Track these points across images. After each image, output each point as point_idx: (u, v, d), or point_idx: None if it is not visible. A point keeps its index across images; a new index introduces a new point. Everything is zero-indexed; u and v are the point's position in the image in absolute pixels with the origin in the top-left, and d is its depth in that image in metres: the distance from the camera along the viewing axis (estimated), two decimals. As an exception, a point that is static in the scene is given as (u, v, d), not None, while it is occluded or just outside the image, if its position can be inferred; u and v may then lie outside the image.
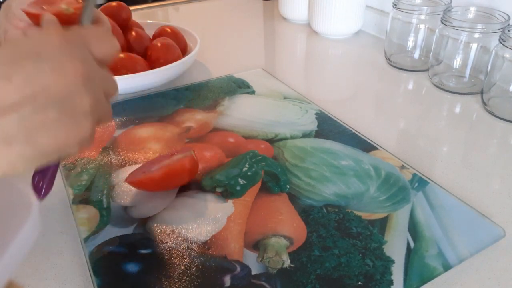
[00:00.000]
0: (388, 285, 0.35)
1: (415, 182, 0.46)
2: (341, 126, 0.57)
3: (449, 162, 0.51)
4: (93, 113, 0.30)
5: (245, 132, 0.56)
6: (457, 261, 0.37)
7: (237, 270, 0.37)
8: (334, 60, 0.81)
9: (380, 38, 0.87)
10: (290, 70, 0.76)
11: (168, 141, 0.54)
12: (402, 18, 0.72)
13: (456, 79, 0.67)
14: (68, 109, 0.28)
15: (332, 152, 0.51)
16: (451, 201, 0.44)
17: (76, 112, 0.29)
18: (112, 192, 0.46)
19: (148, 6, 1.12)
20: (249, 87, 0.67)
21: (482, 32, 0.61)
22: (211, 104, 0.63)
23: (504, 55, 0.57)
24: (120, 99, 0.65)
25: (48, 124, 0.27)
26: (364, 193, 0.45)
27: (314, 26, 0.89)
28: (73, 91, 0.28)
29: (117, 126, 0.58)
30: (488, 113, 0.60)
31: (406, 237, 0.40)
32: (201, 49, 0.79)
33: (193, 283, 0.36)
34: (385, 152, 0.51)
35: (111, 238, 0.40)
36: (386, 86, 0.70)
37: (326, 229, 0.41)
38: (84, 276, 0.38)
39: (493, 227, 0.40)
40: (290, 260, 0.38)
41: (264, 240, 0.40)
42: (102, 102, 0.32)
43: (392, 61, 0.75)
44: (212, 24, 1.00)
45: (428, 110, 0.62)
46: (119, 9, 0.71)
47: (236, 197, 0.45)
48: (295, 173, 0.48)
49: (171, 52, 0.69)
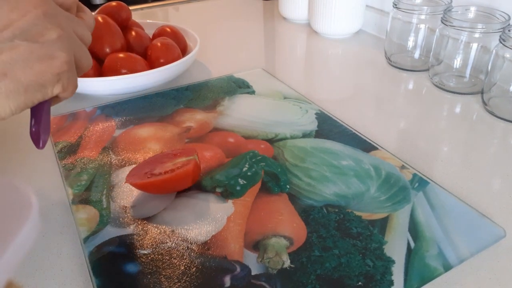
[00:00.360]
0: (388, 285, 0.35)
1: (415, 182, 0.46)
2: (341, 126, 0.57)
3: (449, 162, 0.51)
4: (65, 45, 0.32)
5: (245, 132, 0.56)
6: (457, 261, 0.37)
7: (237, 270, 0.37)
8: (334, 60, 0.81)
9: (380, 38, 0.87)
10: (290, 70, 0.76)
11: (168, 141, 0.54)
12: (402, 18, 0.72)
13: (456, 79, 0.66)
14: (36, 39, 0.30)
15: (332, 152, 0.51)
16: (451, 201, 0.44)
17: (45, 42, 0.30)
18: (112, 192, 0.46)
19: (148, 6, 1.12)
20: (249, 87, 0.67)
21: (482, 32, 0.61)
22: (211, 104, 0.63)
23: (504, 55, 0.57)
24: (120, 99, 0.65)
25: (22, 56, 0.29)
26: (365, 193, 0.45)
27: (314, 26, 0.89)
28: (36, 23, 0.30)
29: (117, 126, 0.58)
30: (488, 113, 0.60)
31: (406, 237, 0.40)
32: (201, 49, 0.79)
33: (193, 283, 0.36)
34: (385, 152, 0.51)
35: (111, 238, 0.40)
36: (386, 86, 0.70)
37: (326, 229, 0.41)
38: (84, 276, 0.38)
39: (494, 227, 0.40)
40: (290, 261, 0.38)
41: (264, 240, 0.40)
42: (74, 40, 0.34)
43: (392, 61, 0.75)
44: (212, 24, 1.00)
45: (428, 110, 0.62)
46: (119, 9, 0.71)
47: (236, 197, 0.45)
48: (295, 173, 0.48)
49: (171, 52, 0.68)
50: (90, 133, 0.56)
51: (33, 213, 0.38)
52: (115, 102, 0.64)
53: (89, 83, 0.62)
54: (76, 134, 0.56)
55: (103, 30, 0.66)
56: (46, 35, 0.31)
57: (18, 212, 0.42)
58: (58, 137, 0.55)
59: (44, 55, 0.30)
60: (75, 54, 0.33)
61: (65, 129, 0.57)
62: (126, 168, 0.49)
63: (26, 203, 0.42)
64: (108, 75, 0.64)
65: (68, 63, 0.32)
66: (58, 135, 0.56)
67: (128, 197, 0.45)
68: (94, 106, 0.63)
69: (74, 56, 0.33)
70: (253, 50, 0.85)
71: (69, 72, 0.32)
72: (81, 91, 0.65)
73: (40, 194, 0.47)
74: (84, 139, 0.55)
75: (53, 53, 0.31)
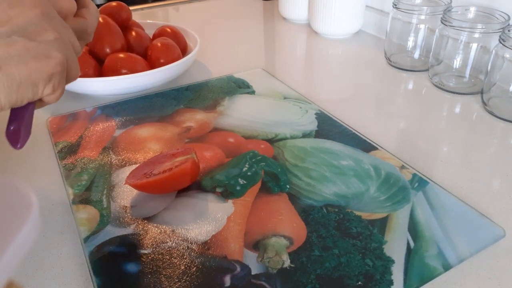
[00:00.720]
0: (388, 285, 0.35)
1: (415, 182, 0.46)
2: (341, 126, 0.57)
3: (449, 162, 0.51)
4: (61, 47, 0.32)
5: (245, 132, 0.56)
6: (457, 261, 0.37)
7: (237, 270, 0.37)
8: (334, 60, 0.81)
9: (380, 38, 0.87)
10: (290, 70, 0.76)
11: (168, 141, 0.54)
12: (402, 18, 0.72)
13: (456, 79, 0.67)
14: (33, 38, 0.30)
15: (332, 152, 0.51)
16: (451, 201, 0.44)
17: (41, 41, 0.31)
18: (112, 192, 0.46)
19: (148, 6, 1.12)
20: (249, 87, 0.67)
21: (482, 32, 0.61)
22: (211, 104, 0.63)
23: (504, 55, 0.57)
24: (120, 99, 0.65)
25: (18, 52, 0.29)
26: (364, 193, 0.45)
27: (314, 26, 0.89)
28: (34, 22, 0.30)
29: (117, 126, 0.58)
30: (488, 113, 0.60)
31: (406, 237, 0.40)
32: (201, 49, 0.79)
33: (193, 283, 0.36)
34: (385, 152, 0.51)
35: (111, 238, 0.40)
36: (386, 86, 0.70)
37: (326, 229, 0.41)
38: (84, 276, 0.38)
39: (493, 227, 0.41)
40: (290, 260, 0.38)
41: (264, 240, 0.40)
42: (69, 46, 0.34)
43: (392, 61, 0.75)
44: (212, 24, 1.00)
45: (428, 110, 0.62)
46: (119, 9, 0.71)
47: (236, 197, 0.45)
48: (295, 173, 0.48)
49: (171, 52, 0.69)
50: (90, 133, 0.56)
51: (33, 213, 0.38)
52: (115, 102, 0.64)
53: (89, 83, 0.62)
54: (76, 134, 0.56)
55: (104, 30, 0.66)
56: (43, 35, 0.31)
57: (18, 212, 0.42)
58: (58, 137, 0.55)
59: (40, 53, 0.30)
60: (67, 60, 0.33)
61: (66, 129, 0.57)
62: (126, 168, 0.49)
63: (26, 203, 0.42)
64: (108, 75, 0.64)
65: (62, 64, 0.32)
66: (58, 135, 0.56)
67: (129, 197, 0.45)
68: (94, 106, 0.63)
69: (66, 61, 0.33)
70: (253, 50, 0.85)
71: (61, 75, 0.32)
72: (81, 91, 0.65)
73: (40, 194, 0.47)
74: (84, 139, 0.55)
75: (49, 53, 0.31)
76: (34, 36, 0.30)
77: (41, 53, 0.30)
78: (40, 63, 0.30)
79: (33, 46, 0.30)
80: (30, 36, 0.30)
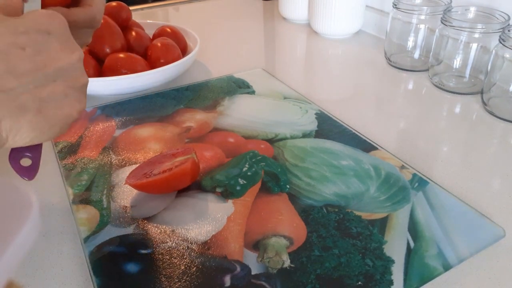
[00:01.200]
0: (388, 285, 0.35)
1: (415, 182, 0.46)
2: (341, 126, 0.57)
3: (449, 162, 0.51)
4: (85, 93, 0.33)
5: (245, 132, 0.56)
6: (457, 261, 0.37)
7: (237, 270, 0.37)
8: (334, 60, 0.81)
9: (380, 38, 0.87)
10: (290, 70, 0.76)
11: (168, 141, 0.54)
12: (402, 18, 0.72)
13: (456, 79, 0.67)
14: (71, 83, 0.31)
15: (332, 152, 0.51)
16: (451, 201, 0.44)
17: (77, 88, 0.31)
18: (112, 192, 0.46)
19: (148, 6, 1.12)
20: (249, 87, 0.67)
21: (482, 32, 0.61)
22: (211, 104, 0.63)
23: (504, 55, 0.57)
24: (120, 99, 0.65)
25: (56, 95, 0.29)
26: (364, 193, 0.45)
27: (314, 26, 0.89)
28: (76, 67, 0.31)
29: (117, 126, 0.58)
30: (488, 113, 0.60)
31: (406, 237, 0.40)
32: (201, 49, 0.79)
33: (193, 283, 0.36)
34: (385, 152, 0.51)
35: (111, 238, 0.40)
36: (386, 86, 0.70)
37: (326, 229, 0.41)
38: (84, 276, 0.38)
39: (493, 227, 0.40)
40: (290, 260, 0.38)
41: (264, 240, 0.40)
42: None
43: (392, 61, 0.75)
44: (212, 24, 1.00)
45: (428, 110, 0.62)
46: (119, 9, 0.71)
47: (236, 197, 0.45)
48: (295, 173, 0.48)
49: (171, 52, 0.69)
50: (90, 133, 0.56)
51: (33, 213, 0.38)
52: (115, 102, 0.64)
53: (89, 83, 0.62)
54: (76, 134, 0.56)
55: (103, 30, 0.66)
56: (80, 81, 0.32)
57: (18, 212, 0.42)
58: (58, 137, 0.55)
59: (73, 98, 0.31)
60: None
61: (65, 129, 0.57)
62: (126, 168, 0.49)
63: (26, 203, 0.42)
64: (108, 75, 0.64)
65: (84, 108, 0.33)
66: (58, 135, 0.56)
67: (129, 197, 0.45)
68: (94, 106, 0.63)
69: None
70: (253, 50, 0.85)
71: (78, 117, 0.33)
72: (81, 91, 0.65)
73: (40, 194, 0.47)
74: (84, 139, 0.55)
75: (81, 98, 0.32)
76: (73, 81, 0.31)
77: (75, 99, 0.31)
78: (72, 109, 0.31)
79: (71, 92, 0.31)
80: (70, 82, 0.31)
